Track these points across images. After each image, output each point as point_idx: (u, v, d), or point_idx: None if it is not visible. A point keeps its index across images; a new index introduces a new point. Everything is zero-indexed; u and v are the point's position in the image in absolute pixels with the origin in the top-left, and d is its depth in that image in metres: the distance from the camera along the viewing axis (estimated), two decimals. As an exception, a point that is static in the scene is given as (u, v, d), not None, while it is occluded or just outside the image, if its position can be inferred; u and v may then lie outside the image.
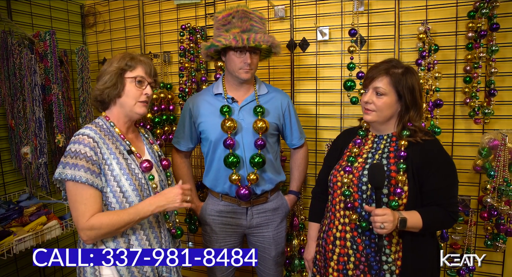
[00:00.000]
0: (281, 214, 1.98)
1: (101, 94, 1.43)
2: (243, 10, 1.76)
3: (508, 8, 1.88)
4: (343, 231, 1.47)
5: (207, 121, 1.87)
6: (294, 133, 1.99)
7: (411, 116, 1.42)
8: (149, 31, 2.74)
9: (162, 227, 1.50)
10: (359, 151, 1.54)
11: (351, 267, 1.45)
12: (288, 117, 1.95)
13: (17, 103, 2.28)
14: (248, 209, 1.91)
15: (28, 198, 2.34)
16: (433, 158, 1.39)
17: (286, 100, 1.96)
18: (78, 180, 1.28)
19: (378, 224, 1.27)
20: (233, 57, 1.76)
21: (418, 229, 1.35)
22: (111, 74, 1.41)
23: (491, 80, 1.89)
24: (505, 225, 1.87)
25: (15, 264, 2.42)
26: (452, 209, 1.40)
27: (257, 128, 1.79)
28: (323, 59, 2.31)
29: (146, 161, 1.45)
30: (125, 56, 1.44)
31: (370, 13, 2.15)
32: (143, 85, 1.44)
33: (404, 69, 1.42)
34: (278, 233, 1.96)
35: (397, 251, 1.40)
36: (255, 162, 1.79)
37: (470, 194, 2.03)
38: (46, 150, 2.29)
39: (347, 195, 1.46)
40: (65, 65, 2.54)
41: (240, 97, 1.89)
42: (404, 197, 1.38)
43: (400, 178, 1.37)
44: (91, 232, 1.29)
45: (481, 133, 2.00)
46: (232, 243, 1.96)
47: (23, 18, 2.50)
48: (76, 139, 1.34)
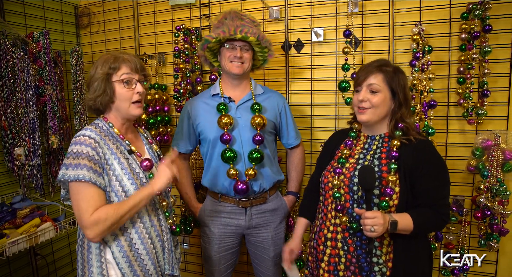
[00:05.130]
0: (280, 215, 1.98)
1: (94, 103, 1.42)
2: (234, 11, 1.84)
3: (500, 10, 1.90)
4: (334, 232, 1.47)
5: (205, 120, 1.89)
6: (290, 133, 2.00)
7: (403, 113, 1.43)
8: (143, 32, 2.74)
9: (164, 225, 1.51)
10: (350, 152, 1.54)
11: (342, 268, 1.44)
12: (285, 117, 1.97)
13: (10, 104, 2.26)
14: (247, 210, 1.91)
15: (22, 200, 2.32)
16: (425, 159, 1.38)
17: (282, 100, 1.99)
18: (81, 179, 1.28)
19: (368, 227, 1.28)
20: (225, 51, 1.82)
21: (409, 231, 1.34)
22: (98, 81, 1.39)
23: (484, 81, 1.91)
24: (498, 225, 1.89)
25: (8, 266, 2.40)
26: (443, 211, 1.39)
27: (255, 124, 1.81)
28: (317, 60, 2.31)
29: (146, 160, 1.46)
30: (107, 59, 1.42)
31: (364, 14, 2.16)
32: (132, 84, 1.43)
33: (394, 68, 1.45)
34: (277, 234, 1.96)
35: (388, 252, 1.39)
36: (254, 157, 1.81)
37: (464, 194, 2.05)
38: (40, 152, 2.27)
39: (337, 197, 1.46)
40: (59, 66, 2.53)
41: (237, 96, 1.91)
42: (395, 198, 1.37)
43: (391, 179, 1.36)
44: (97, 227, 1.27)
45: (474, 133, 2.01)
46: (231, 244, 1.95)
47: (16, 19, 2.48)
48: (77, 140, 1.34)
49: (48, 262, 2.62)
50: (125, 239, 1.37)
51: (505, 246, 2.04)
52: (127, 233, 1.38)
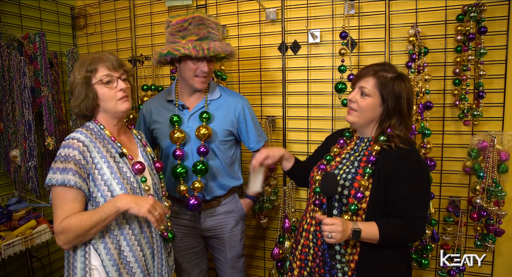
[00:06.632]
0: (235, 217, 1.96)
1: (79, 110, 1.40)
2: (199, 16, 1.72)
3: (495, 12, 1.91)
4: (309, 224, 1.51)
5: (159, 128, 1.87)
6: (251, 137, 1.93)
7: (392, 123, 1.38)
8: (140, 33, 2.73)
9: (154, 232, 1.48)
10: (339, 151, 1.57)
11: (310, 259, 1.50)
12: (243, 121, 1.90)
13: (6, 106, 2.25)
14: (200, 212, 1.90)
15: (17, 202, 2.30)
16: (403, 167, 1.33)
17: (241, 104, 1.89)
18: (66, 183, 1.26)
19: (326, 233, 1.28)
20: (189, 64, 1.73)
21: (375, 241, 1.31)
22: (78, 87, 1.37)
23: (480, 83, 1.92)
24: (494, 226, 1.89)
25: (3, 269, 2.39)
26: (416, 223, 1.33)
27: (200, 135, 1.76)
28: (314, 61, 2.32)
29: (138, 163, 1.42)
30: (82, 63, 1.38)
31: (361, 16, 2.17)
32: (113, 83, 1.39)
33: (395, 75, 1.39)
34: (232, 236, 1.95)
35: (352, 253, 1.39)
36: (198, 170, 1.77)
37: (460, 195, 2.05)
38: (36, 153, 2.26)
39: (317, 192, 1.49)
40: (55, 67, 2.52)
41: (191, 103, 1.86)
42: (364, 202, 1.36)
43: (363, 183, 1.35)
44: (62, 235, 1.28)
45: (470, 134, 2.02)
46: (191, 243, 1.95)
47: (12, 20, 2.47)
48: (66, 144, 1.33)
49: (44, 264, 2.60)
50: (114, 247, 1.34)
51: (501, 247, 2.04)
52: (116, 240, 1.35)
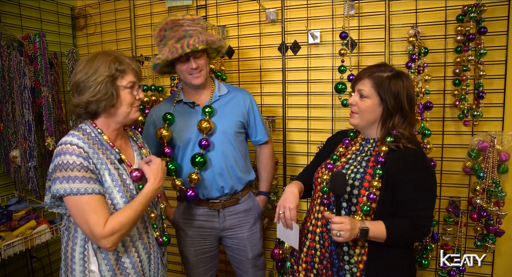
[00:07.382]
0: (253, 215, 1.97)
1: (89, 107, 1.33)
2: (171, 20, 1.74)
3: (495, 12, 1.91)
4: (315, 226, 1.49)
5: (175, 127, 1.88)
6: (258, 129, 1.99)
7: (395, 122, 1.39)
8: (140, 33, 2.73)
9: (151, 238, 1.48)
10: (345, 151, 1.56)
11: (317, 261, 1.48)
12: (252, 114, 1.96)
13: (6, 106, 2.25)
14: (219, 211, 1.90)
15: (17, 202, 2.30)
16: (410, 167, 1.35)
17: (248, 98, 1.97)
18: (76, 193, 1.22)
19: (335, 232, 1.29)
20: (179, 66, 1.78)
21: (382, 240, 1.33)
22: (102, 84, 1.29)
23: (480, 83, 1.92)
24: (494, 226, 1.89)
25: (4, 269, 2.39)
26: (422, 223, 1.35)
27: (202, 128, 1.80)
28: (314, 62, 2.32)
29: (136, 170, 1.40)
30: (112, 61, 1.33)
31: (361, 16, 2.17)
32: (135, 90, 1.39)
33: (392, 73, 1.40)
34: (252, 234, 1.95)
35: (361, 254, 1.39)
36: (196, 161, 1.79)
37: (460, 195, 2.05)
38: (36, 154, 2.26)
39: (325, 191, 1.48)
40: (55, 68, 2.52)
41: (202, 100, 1.90)
42: (373, 203, 1.36)
43: (375, 184, 1.36)
44: (113, 237, 1.24)
45: (470, 135, 2.02)
46: (207, 247, 1.94)
47: (12, 20, 2.47)
48: (64, 150, 1.25)
49: (44, 264, 2.60)
50: (112, 253, 1.33)
51: (501, 247, 2.05)
52: None
